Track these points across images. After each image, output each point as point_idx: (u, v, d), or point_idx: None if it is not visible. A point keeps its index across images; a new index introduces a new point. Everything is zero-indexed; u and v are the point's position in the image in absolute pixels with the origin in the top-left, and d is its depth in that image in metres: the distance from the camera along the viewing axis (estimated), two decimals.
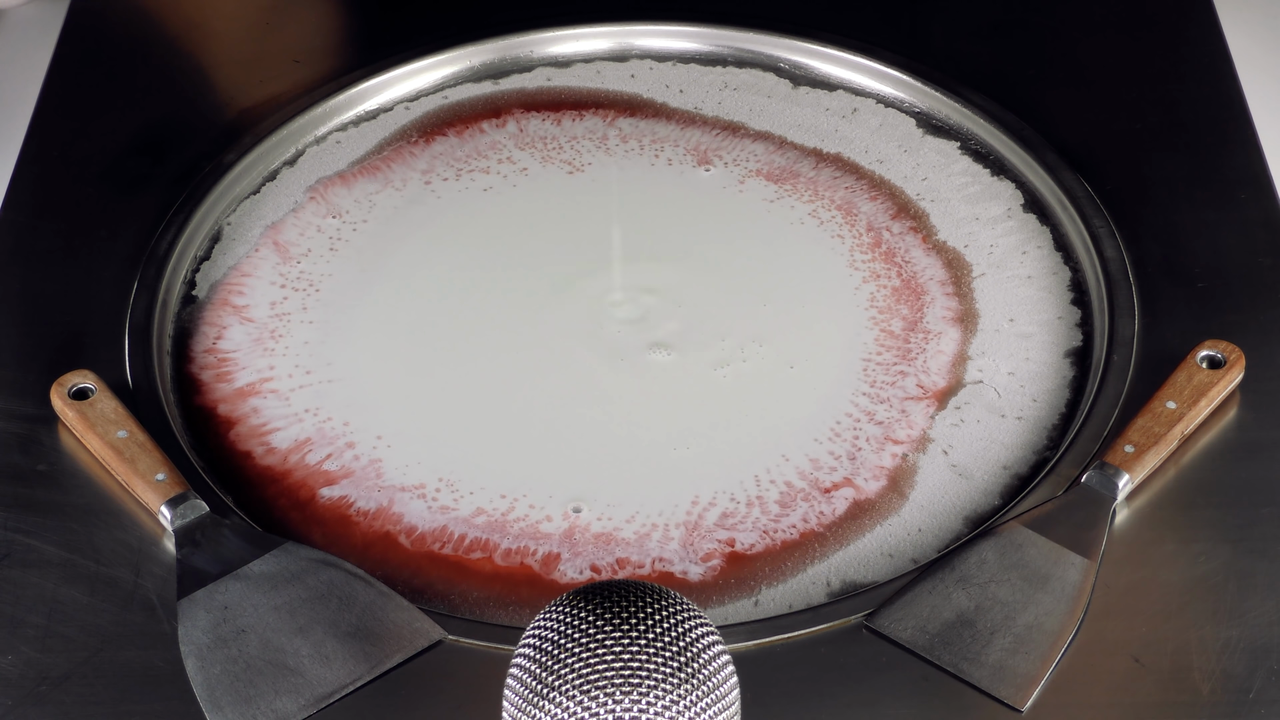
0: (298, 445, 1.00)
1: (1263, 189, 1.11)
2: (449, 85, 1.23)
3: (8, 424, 0.99)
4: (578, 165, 1.17)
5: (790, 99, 1.21)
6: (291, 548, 0.90)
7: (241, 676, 0.85)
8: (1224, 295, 1.05)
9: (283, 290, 1.09)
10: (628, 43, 1.25)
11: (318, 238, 1.12)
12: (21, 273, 1.09)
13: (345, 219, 1.13)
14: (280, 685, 0.85)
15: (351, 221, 1.13)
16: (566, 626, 0.74)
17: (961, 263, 1.09)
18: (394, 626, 0.88)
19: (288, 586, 0.89)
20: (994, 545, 0.91)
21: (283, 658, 0.86)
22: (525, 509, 0.96)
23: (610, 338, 1.05)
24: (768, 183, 1.15)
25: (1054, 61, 1.23)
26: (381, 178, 1.16)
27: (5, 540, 0.93)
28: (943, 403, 1.01)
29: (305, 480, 0.98)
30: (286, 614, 0.88)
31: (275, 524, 0.95)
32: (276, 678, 0.85)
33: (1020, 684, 0.85)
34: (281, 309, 1.07)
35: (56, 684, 0.86)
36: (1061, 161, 1.13)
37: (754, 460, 0.98)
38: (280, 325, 1.06)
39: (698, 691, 0.73)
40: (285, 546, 0.90)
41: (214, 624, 0.87)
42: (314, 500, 0.97)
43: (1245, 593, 0.89)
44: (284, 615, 0.88)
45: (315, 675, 0.86)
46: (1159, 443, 0.94)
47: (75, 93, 1.21)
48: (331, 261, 1.10)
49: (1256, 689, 0.85)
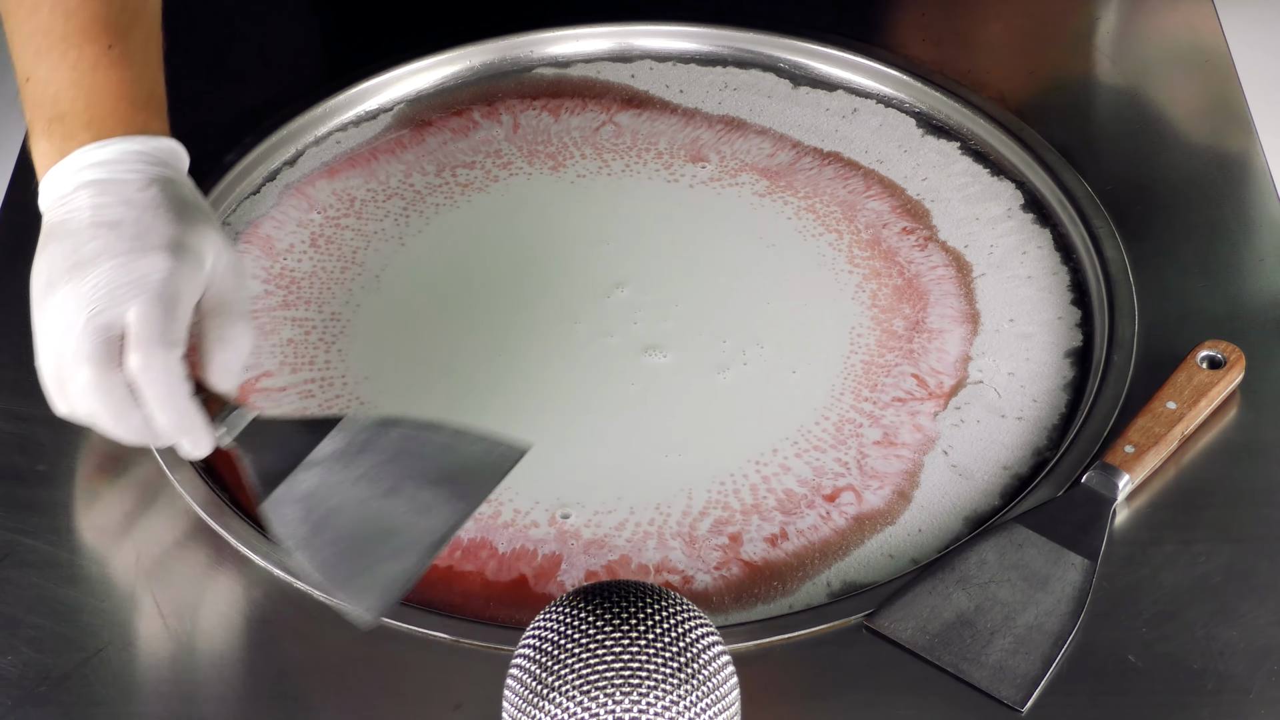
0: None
1: (1263, 189, 1.11)
2: (449, 85, 1.23)
3: (8, 424, 0.99)
4: (573, 162, 1.17)
5: (790, 99, 1.21)
6: (349, 422, 0.89)
7: (351, 550, 0.84)
8: (1224, 295, 1.05)
9: (265, 285, 1.08)
10: (628, 43, 1.25)
11: (299, 233, 1.12)
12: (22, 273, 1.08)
13: (327, 214, 1.13)
14: (391, 546, 0.84)
15: (334, 217, 1.13)
16: (566, 627, 0.74)
17: (962, 263, 1.09)
18: (477, 458, 0.88)
19: (360, 457, 0.88)
20: (994, 545, 0.91)
21: (383, 521, 0.85)
22: (511, 514, 0.96)
23: (603, 340, 1.05)
24: (767, 182, 1.15)
25: (1054, 62, 1.23)
26: (368, 173, 1.16)
27: (5, 540, 0.93)
28: (943, 403, 1.01)
29: None
30: (369, 482, 0.87)
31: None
32: (384, 541, 0.85)
33: (1020, 684, 0.85)
34: (264, 304, 1.07)
35: (56, 684, 0.86)
36: (1061, 161, 1.13)
37: (753, 463, 0.98)
38: (268, 322, 1.06)
39: (698, 691, 0.73)
40: (342, 423, 0.89)
41: (305, 514, 0.86)
42: None
43: (1245, 593, 0.89)
44: (368, 484, 0.87)
45: (421, 527, 0.85)
46: (1159, 443, 0.94)
47: None
48: (314, 259, 1.10)
49: (1256, 689, 0.85)
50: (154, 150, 0.92)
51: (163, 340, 0.87)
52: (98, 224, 0.89)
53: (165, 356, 0.87)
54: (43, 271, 0.89)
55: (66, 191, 0.91)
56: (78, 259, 0.88)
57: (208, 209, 0.93)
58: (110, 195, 0.90)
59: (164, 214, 0.90)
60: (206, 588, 0.91)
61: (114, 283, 0.87)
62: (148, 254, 0.88)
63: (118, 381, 0.87)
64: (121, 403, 0.87)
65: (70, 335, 0.87)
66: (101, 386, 0.87)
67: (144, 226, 0.89)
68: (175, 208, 0.90)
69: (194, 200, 0.93)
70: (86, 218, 0.89)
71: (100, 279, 0.87)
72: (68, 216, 0.90)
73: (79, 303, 0.87)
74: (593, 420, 1.01)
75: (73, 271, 0.88)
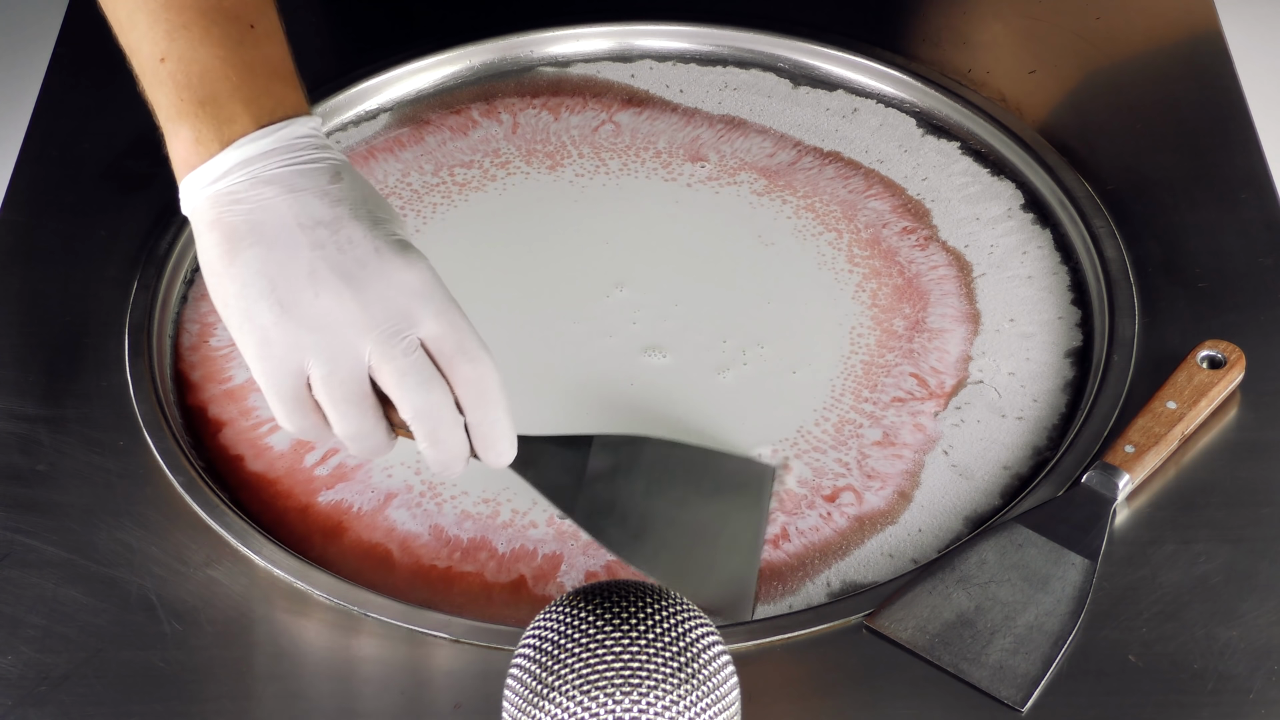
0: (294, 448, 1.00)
1: (1263, 189, 1.11)
2: (449, 85, 1.23)
3: (8, 424, 0.99)
4: (571, 161, 1.17)
5: (790, 99, 1.21)
6: (604, 438, 0.88)
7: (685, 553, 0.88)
8: (1224, 295, 1.05)
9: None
10: (628, 43, 1.25)
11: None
12: (21, 273, 1.09)
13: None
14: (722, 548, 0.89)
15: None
16: (566, 627, 0.74)
17: (962, 263, 1.09)
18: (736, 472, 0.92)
19: (634, 472, 0.89)
20: (994, 545, 0.91)
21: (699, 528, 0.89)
22: (509, 514, 0.96)
23: (602, 340, 1.05)
24: (765, 181, 1.15)
25: (1055, 62, 1.23)
26: (365, 172, 1.16)
27: (5, 540, 0.93)
28: (944, 403, 1.01)
29: (301, 482, 0.98)
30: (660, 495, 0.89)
31: (276, 525, 0.95)
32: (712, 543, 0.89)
33: (1020, 684, 0.85)
34: None
35: (56, 684, 0.86)
36: (1062, 161, 1.13)
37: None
38: None
39: (698, 691, 0.73)
40: (598, 439, 0.88)
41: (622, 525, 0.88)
42: (313, 505, 0.97)
43: (1245, 593, 0.89)
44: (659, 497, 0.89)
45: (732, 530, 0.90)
46: (1159, 443, 0.94)
47: (75, 93, 1.21)
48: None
49: (1256, 689, 0.85)
50: (319, 134, 0.84)
51: (481, 346, 0.81)
52: (308, 224, 0.80)
53: (490, 357, 0.81)
54: (251, 282, 0.79)
55: (241, 185, 0.81)
56: (309, 269, 0.79)
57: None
58: (307, 188, 0.81)
59: (371, 208, 0.82)
60: (206, 588, 0.91)
61: (388, 293, 0.79)
62: (405, 255, 0.80)
63: (441, 401, 0.80)
64: (448, 414, 0.80)
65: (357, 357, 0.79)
66: (433, 398, 0.79)
67: (365, 227, 0.80)
68: (374, 200, 0.82)
69: (374, 188, 0.84)
70: (291, 217, 0.80)
71: (371, 289, 0.79)
72: (259, 216, 0.80)
73: (359, 322, 0.78)
74: (592, 421, 1.00)
75: (317, 283, 0.79)
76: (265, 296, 0.79)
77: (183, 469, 0.96)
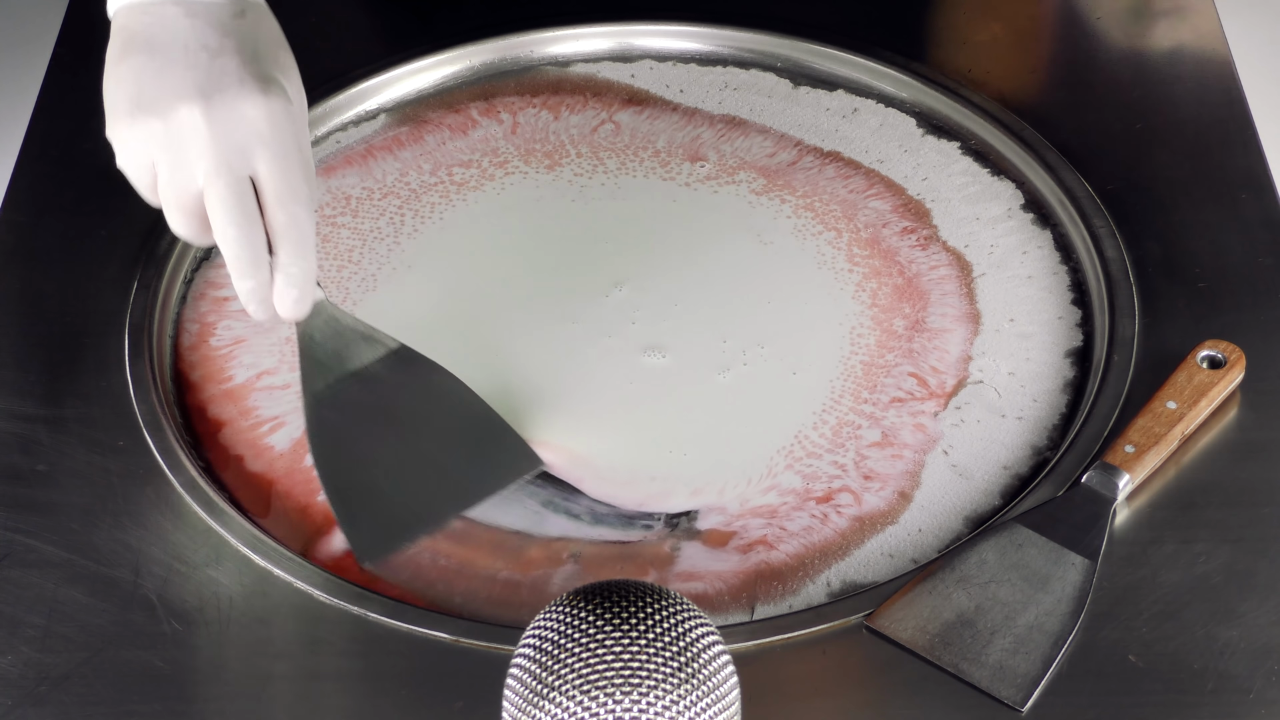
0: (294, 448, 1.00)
1: (1263, 189, 1.11)
2: (449, 85, 1.23)
3: (8, 424, 0.99)
4: (569, 160, 1.17)
5: (790, 99, 1.21)
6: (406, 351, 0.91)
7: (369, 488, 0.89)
8: (1224, 295, 1.05)
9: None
10: (628, 43, 1.25)
11: None
12: (21, 273, 1.09)
13: (323, 213, 1.13)
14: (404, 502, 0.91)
15: (330, 216, 1.13)
16: (566, 626, 0.74)
17: (962, 263, 1.09)
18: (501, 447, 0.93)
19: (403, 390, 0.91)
20: (994, 545, 0.91)
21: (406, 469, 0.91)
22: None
23: (601, 340, 1.05)
24: (764, 180, 1.15)
25: (1055, 62, 1.23)
26: (364, 171, 1.16)
27: (5, 540, 0.93)
28: (944, 403, 1.01)
29: (301, 482, 0.98)
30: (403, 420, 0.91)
31: (276, 525, 0.95)
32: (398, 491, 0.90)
33: (1020, 684, 0.85)
34: None
35: (56, 684, 0.86)
36: (1062, 161, 1.13)
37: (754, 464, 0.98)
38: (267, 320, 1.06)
39: (698, 691, 0.73)
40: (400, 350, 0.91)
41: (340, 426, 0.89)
42: (313, 505, 0.97)
43: (1245, 593, 0.89)
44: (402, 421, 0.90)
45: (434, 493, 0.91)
46: (1159, 443, 0.94)
47: (75, 93, 1.21)
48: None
49: (1256, 689, 0.85)
50: None
51: (305, 197, 0.85)
52: (193, 46, 0.86)
53: (308, 210, 0.86)
54: (128, 82, 0.86)
55: (153, 1, 0.87)
56: (177, 83, 0.85)
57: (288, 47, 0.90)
58: (203, 16, 0.86)
59: (260, 46, 0.87)
60: (206, 587, 0.91)
61: (236, 123, 0.84)
62: (266, 93, 0.85)
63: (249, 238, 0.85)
64: (258, 253, 0.86)
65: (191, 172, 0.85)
66: (243, 234, 0.85)
67: (241, 60, 0.86)
68: (269, 41, 0.88)
69: (281, 36, 0.89)
70: (181, 36, 0.86)
71: (220, 114, 0.84)
72: (155, 30, 0.86)
73: (202, 141, 0.84)
74: (592, 421, 1.00)
75: (178, 95, 0.85)
76: (132, 98, 0.86)
77: (183, 469, 0.96)
